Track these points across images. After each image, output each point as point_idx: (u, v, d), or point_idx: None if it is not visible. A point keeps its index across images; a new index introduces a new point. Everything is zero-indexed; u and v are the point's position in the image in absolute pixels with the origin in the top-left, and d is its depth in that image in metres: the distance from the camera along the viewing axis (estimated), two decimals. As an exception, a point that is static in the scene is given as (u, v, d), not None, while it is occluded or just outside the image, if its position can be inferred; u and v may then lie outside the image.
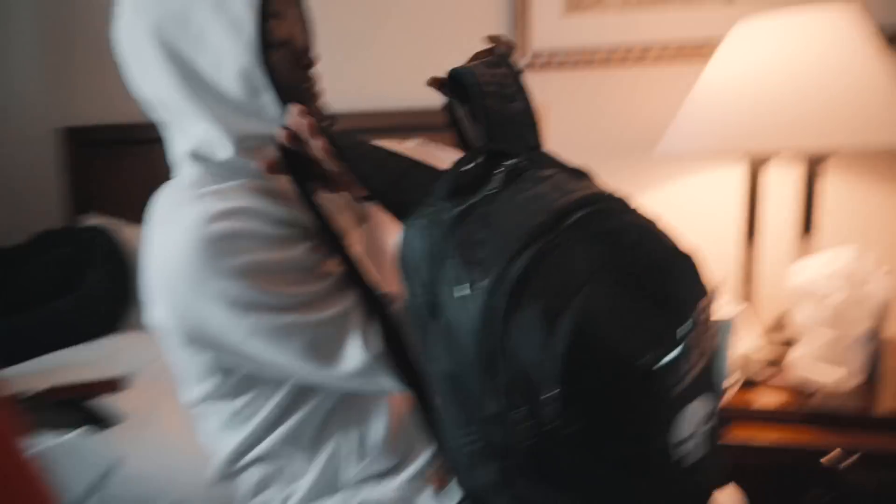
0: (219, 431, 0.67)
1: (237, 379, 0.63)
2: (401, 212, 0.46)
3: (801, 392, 1.06)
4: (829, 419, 0.99)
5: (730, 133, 1.13)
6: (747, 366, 1.10)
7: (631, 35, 1.51)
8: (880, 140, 1.07)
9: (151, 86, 0.61)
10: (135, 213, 1.00)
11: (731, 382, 1.06)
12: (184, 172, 0.64)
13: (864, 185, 1.47)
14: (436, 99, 0.61)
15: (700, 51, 1.46)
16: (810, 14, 1.14)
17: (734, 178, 1.51)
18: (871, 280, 1.08)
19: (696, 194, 1.54)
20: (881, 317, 1.08)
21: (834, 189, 1.48)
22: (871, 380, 1.09)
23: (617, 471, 0.39)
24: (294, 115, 0.52)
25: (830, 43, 1.11)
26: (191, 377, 0.66)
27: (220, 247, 0.56)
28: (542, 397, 0.38)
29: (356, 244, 0.68)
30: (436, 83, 0.59)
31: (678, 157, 1.53)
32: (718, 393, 0.44)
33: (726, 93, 1.17)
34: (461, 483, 0.43)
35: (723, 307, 1.08)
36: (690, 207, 1.54)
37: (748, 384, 1.10)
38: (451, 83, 0.56)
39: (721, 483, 0.47)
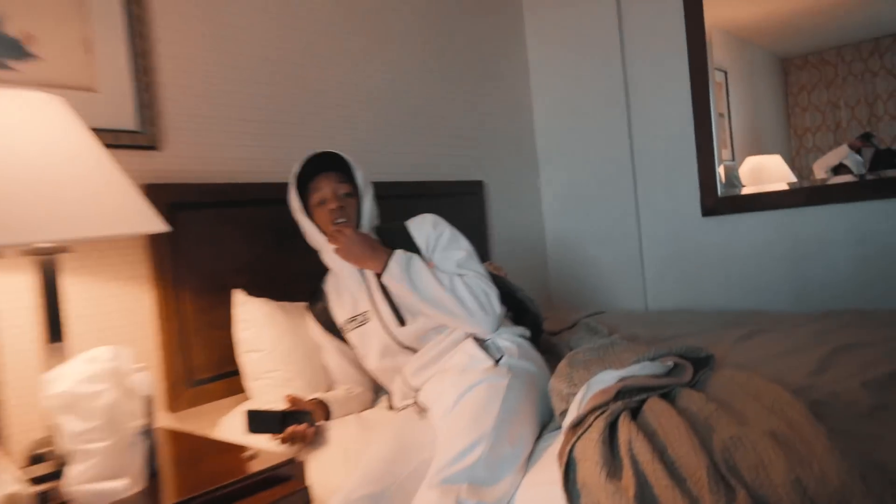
0: None
1: None
2: None
3: (85, 519, 1.04)
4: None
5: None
6: (17, 512, 1.00)
7: None
8: (110, 230, 1.20)
9: None
10: None
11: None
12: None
13: (102, 280, 1.61)
14: None
15: None
16: (9, 97, 1.16)
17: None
18: (133, 377, 1.19)
19: None
20: (150, 412, 1.20)
21: (75, 288, 1.55)
22: (154, 475, 1.19)
23: None
24: None
25: (44, 130, 1.18)
26: None
27: None
28: None
29: None
30: None
31: None
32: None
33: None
34: None
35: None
36: None
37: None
38: None
39: None
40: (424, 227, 1.72)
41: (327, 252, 1.71)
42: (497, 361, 1.52)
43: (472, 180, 2.80)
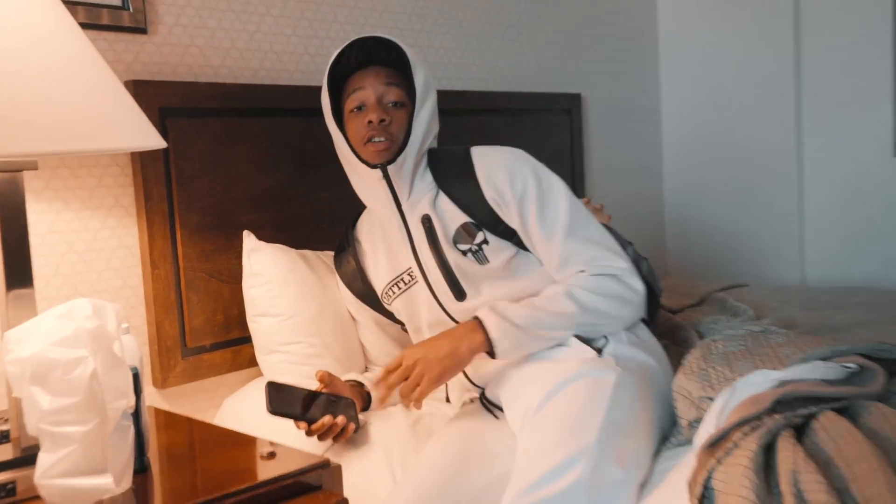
0: None
1: None
2: None
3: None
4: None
5: None
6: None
7: None
8: (95, 144, 1.20)
9: None
10: None
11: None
12: None
13: (74, 209, 1.63)
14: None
15: None
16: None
17: None
18: (119, 341, 1.20)
19: None
20: (139, 388, 1.22)
21: (37, 218, 1.57)
22: (144, 471, 1.23)
23: None
24: None
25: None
26: None
27: None
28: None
29: None
30: None
31: None
32: None
33: None
34: None
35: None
36: None
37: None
38: None
39: None
40: (497, 173, 1.61)
41: (358, 178, 1.67)
42: (600, 351, 1.49)
43: (566, 93, 2.74)
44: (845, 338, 1.78)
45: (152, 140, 1.29)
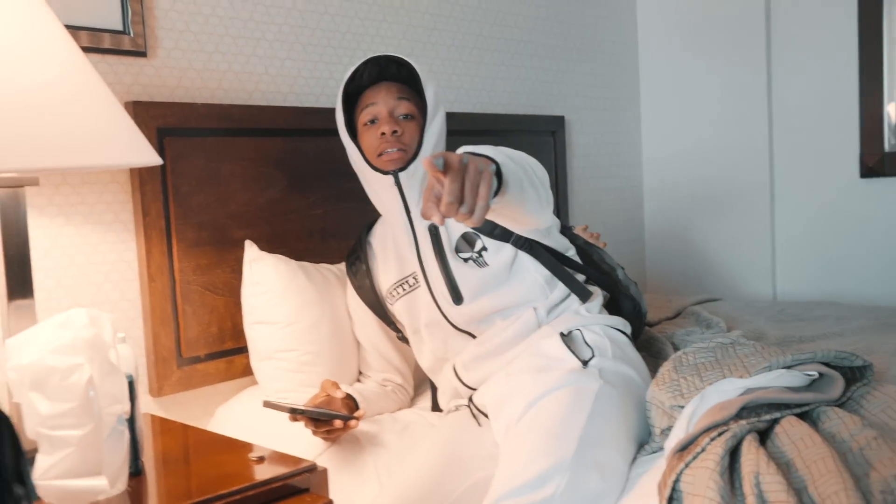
0: None
1: None
2: None
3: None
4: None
5: None
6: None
7: None
8: (93, 160, 1.22)
9: None
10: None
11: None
12: None
13: (75, 224, 1.65)
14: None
15: None
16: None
17: None
18: (114, 349, 1.22)
19: None
20: (133, 395, 1.23)
21: (39, 232, 1.59)
22: (138, 475, 1.24)
23: None
24: None
25: (8, 27, 1.19)
26: None
27: None
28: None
29: None
30: None
31: None
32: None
33: None
34: None
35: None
36: None
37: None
38: None
39: None
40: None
41: (370, 187, 1.69)
42: (585, 363, 1.50)
43: (549, 115, 2.77)
44: (809, 348, 1.81)
45: (149, 157, 1.31)
